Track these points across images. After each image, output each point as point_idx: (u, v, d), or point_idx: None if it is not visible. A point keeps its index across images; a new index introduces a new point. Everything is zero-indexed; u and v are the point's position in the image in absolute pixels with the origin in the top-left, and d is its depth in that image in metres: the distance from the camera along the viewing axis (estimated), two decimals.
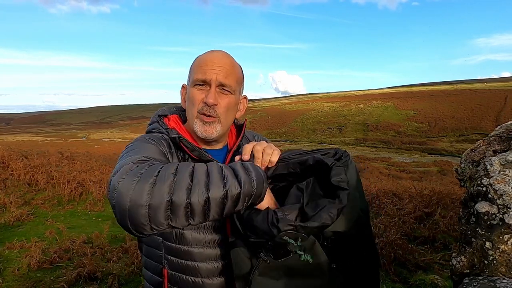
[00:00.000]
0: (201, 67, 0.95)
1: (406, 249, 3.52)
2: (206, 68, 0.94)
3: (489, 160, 1.11)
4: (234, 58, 1.01)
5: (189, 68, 1.02)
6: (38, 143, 31.91)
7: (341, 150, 0.91)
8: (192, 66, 1.00)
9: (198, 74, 0.95)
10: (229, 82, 0.96)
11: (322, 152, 0.91)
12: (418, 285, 2.92)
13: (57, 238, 3.88)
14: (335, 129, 47.32)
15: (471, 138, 33.00)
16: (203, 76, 0.94)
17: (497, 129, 1.31)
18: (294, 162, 0.89)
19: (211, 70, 0.94)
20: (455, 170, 1.29)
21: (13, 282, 2.95)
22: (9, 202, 4.89)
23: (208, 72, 0.94)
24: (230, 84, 0.96)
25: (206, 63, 0.95)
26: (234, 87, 0.98)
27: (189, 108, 0.98)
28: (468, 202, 1.15)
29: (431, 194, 5.44)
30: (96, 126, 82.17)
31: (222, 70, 0.94)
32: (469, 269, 1.04)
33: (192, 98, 0.96)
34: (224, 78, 0.95)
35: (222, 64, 0.95)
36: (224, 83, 0.95)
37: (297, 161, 0.89)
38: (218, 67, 0.94)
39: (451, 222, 4.21)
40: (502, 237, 0.97)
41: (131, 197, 0.67)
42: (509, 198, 0.98)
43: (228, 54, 1.00)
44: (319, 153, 0.90)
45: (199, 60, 0.98)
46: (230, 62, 0.98)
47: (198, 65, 0.96)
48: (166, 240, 0.93)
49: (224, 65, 0.95)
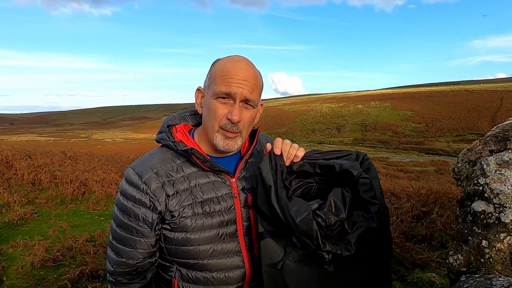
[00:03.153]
0: (225, 79, 0.89)
1: (404, 248, 3.55)
2: (231, 81, 0.89)
3: (485, 160, 1.11)
4: (255, 66, 0.95)
5: (208, 72, 0.96)
6: (41, 143, 31.93)
7: (362, 153, 0.96)
8: (213, 73, 0.93)
9: (221, 86, 0.89)
10: (254, 97, 0.92)
11: (344, 153, 0.96)
12: (416, 283, 2.94)
13: (60, 237, 3.87)
14: (334, 129, 47.39)
15: (468, 138, 33.14)
16: (227, 89, 0.89)
17: (493, 129, 1.31)
18: (322, 165, 0.93)
19: (236, 84, 0.89)
20: (452, 169, 1.29)
21: (16, 280, 2.96)
22: (13, 201, 4.88)
23: (233, 85, 0.89)
24: (254, 99, 0.93)
25: (231, 75, 0.89)
26: (257, 101, 0.95)
27: (209, 119, 0.94)
28: (465, 201, 1.15)
29: (428, 193, 5.45)
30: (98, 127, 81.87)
31: (248, 84, 0.90)
32: (466, 267, 1.04)
33: (214, 111, 0.91)
34: (249, 93, 0.91)
35: (248, 77, 0.90)
36: (249, 98, 0.91)
37: (324, 165, 0.93)
38: (244, 81, 0.89)
39: (448, 221, 4.23)
40: (498, 235, 0.97)
41: None
42: (505, 198, 0.98)
43: (251, 63, 0.94)
44: (341, 154, 0.95)
45: (222, 69, 0.91)
46: (254, 74, 0.93)
47: (221, 75, 0.90)
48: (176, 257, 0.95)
49: (249, 79, 0.91)
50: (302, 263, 0.87)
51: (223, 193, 0.95)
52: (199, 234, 0.92)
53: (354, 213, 0.87)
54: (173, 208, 0.91)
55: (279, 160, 0.92)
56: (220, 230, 0.94)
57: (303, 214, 0.82)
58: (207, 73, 0.97)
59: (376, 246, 0.88)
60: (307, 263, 0.86)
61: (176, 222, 0.92)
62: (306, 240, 0.82)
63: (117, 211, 0.95)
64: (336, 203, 0.86)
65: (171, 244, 0.94)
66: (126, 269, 0.95)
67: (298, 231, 0.82)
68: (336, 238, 0.84)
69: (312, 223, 0.81)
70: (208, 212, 0.93)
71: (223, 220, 0.94)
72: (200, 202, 0.93)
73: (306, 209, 0.83)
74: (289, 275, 0.86)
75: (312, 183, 0.97)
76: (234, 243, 0.95)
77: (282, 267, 0.86)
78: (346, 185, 0.90)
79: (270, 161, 0.92)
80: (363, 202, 0.87)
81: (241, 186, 0.98)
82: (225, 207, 0.95)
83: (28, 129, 79.88)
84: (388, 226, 0.93)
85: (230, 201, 0.96)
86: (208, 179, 0.95)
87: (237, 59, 0.93)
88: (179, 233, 0.92)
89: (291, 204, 0.84)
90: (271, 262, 0.87)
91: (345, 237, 0.84)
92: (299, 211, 0.83)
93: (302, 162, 0.95)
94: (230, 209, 0.95)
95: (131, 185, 0.92)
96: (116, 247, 0.95)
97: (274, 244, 0.88)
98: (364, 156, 0.95)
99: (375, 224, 0.84)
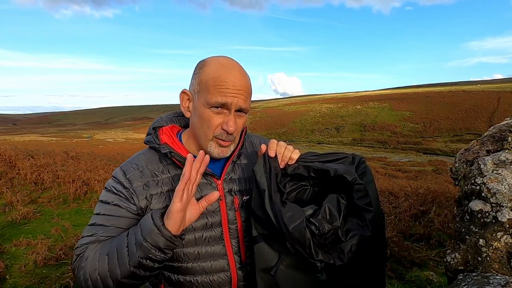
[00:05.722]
0: (220, 89, 0.87)
1: (402, 246, 3.58)
2: (226, 91, 0.87)
3: (482, 160, 1.11)
4: (245, 70, 0.94)
5: (196, 75, 0.92)
6: (44, 143, 31.87)
7: (358, 156, 0.94)
8: (203, 80, 0.90)
9: (217, 96, 0.87)
10: (247, 106, 0.92)
11: (339, 156, 0.94)
12: (414, 281, 2.97)
13: (62, 236, 3.88)
14: (333, 129, 47.51)
15: (465, 138, 33.34)
16: (223, 100, 0.87)
17: (490, 129, 1.31)
18: (316, 169, 0.91)
19: (232, 94, 0.88)
20: (450, 169, 1.29)
21: (19, 278, 2.97)
22: (16, 201, 4.87)
23: (228, 96, 0.87)
24: (247, 107, 0.93)
25: (226, 86, 0.87)
26: (249, 108, 0.94)
27: (202, 129, 0.92)
28: (462, 200, 1.15)
29: (426, 192, 5.47)
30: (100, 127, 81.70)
31: (243, 94, 0.90)
32: (463, 266, 1.04)
33: (208, 121, 0.90)
34: (244, 103, 0.90)
35: (242, 87, 0.90)
36: (243, 107, 0.91)
37: (318, 169, 0.91)
38: (239, 90, 0.89)
39: (446, 220, 4.25)
40: (495, 234, 0.97)
41: None
42: (502, 197, 0.98)
43: (243, 69, 0.93)
44: (337, 157, 0.93)
45: (216, 78, 0.88)
46: (247, 82, 0.92)
47: (214, 84, 0.88)
48: None
49: (244, 88, 0.90)
50: (296, 268, 0.85)
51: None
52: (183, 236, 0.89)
53: (348, 220, 0.85)
54: (156, 208, 0.90)
55: (273, 162, 0.90)
56: (204, 233, 0.92)
57: (296, 221, 0.80)
58: (193, 76, 0.94)
59: (370, 253, 0.86)
60: (301, 269, 0.84)
61: None
62: (298, 248, 0.81)
63: (99, 203, 0.94)
64: (331, 210, 0.84)
65: None
66: (98, 237, 0.89)
67: (291, 238, 0.80)
68: (329, 246, 0.82)
69: (306, 231, 0.79)
70: None
71: (207, 222, 0.92)
72: None
73: (300, 216, 0.81)
74: (283, 281, 0.84)
75: (306, 186, 0.95)
76: (219, 246, 0.93)
77: (275, 272, 0.84)
78: (341, 190, 0.88)
79: (264, 163, 0.89)
80: (358, 209, 0.85)
81: (227, 188, 0.96)
82: (209, 210, 0.92)
83: (31, 129, 79.56)
84: (383, 231, 0.91)
85: (215, 203, 0.93)
86: None
87: (229, 66, 0.90)
88: None
89: (285, 210, 0.81)
90: (264, 266, 0.86)
91: (338, 245, 0.82)
92: (292, 218, 0.80)
93: (297, 164, 0.92)
94: (214, 211, 0.93)
95: (115, 180, 0.93)
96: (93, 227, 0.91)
97: (268, 249, 0.86)
98: (360, 160, 0.93)
99: (369, 232, 0.82)
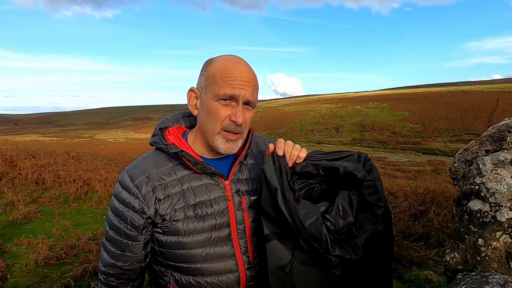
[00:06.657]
0: (227, 81, 0.88)
1: (401, 246, 3.60)
2: (234, 83, 0.88)
3: (481, 160, 1.11)
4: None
5: (203, 72, 0.94)
6: (45, 143, 31.95)
7: (363, 154, 0.96)
8: (211, 74, 0.91)
9: (225, 88, 0.88)
10: (254, 99, 0.93)
11: (345, 154, 0.96)
12: (413, 281, 2.99)
13: (63, 235, 3.90)
14: (333, 129, 47.56)
15: (464, 138, 33.40)
16: (231, 91, 0.88)
17: (489, 129, 1.30)
18: (325, 166, 0.92)
19: (239, 86, 0.88)
20: (449, 169, 1.29)
21: (20, 278, 2.98)
22: (17, 200, 4.90)
23: (236, 88, 0.88)
24: (254, 100, 0.93)
25: (233, 77, 0.88)
26: (256, 102, 0.95)
27: (209, 122, 0.92)
28: (461, 200, 1.15)
29: (425, 192, 5.49)
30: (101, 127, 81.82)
31: (250, 86, 0.90)
32: (462, 265, 1.03)
33: (216, 113, 0.90)
34: (251, 95, 0.91)
35: (249, 79, 0.90)
36: (250, 100, 0.91)
37: (327, 166, 0.92)
38: (246, 82, 0.89)
39: (445, 220, 4.28)
40: (494, 234, 0.97)
41: None
42: (501, 197, 0.98)
43: (250, 65, 0.94)
44: (343, 155, 0.95)
45: (223, 71, 0.89)
46: (254, 75, 0.93)
47: (222, 77, 0.89)
48: (169, 260, 0.95)
49: (251, 80, 0.91)
50: (310, 265, 0.86)
51: (216, 195, 0.94)
52: (191, 237, 0.91)
53: (360, 216, 0.86)
54: (164, 212, 0.91)
55: (282, 161, 0.90)
56: (212, 234, 0.93)
57: (312, 218, 0.80)
58: (200, 74, 0.95)
59: (381, 247, 0.87)
60: (315, 265, 0.85)
61: (168, 226, 0.91)
62: (315, 244, 0.81)
63: (110, 213, 0.96)
64: (344, 206, 0.85)
65: (165, 247, 0.94)
66: (116, 271, 0.97)
67: (307, 235, 0.81)
68: (343, 242, 0.84)
69: (322, 227, 0.80)
70: (200, 216, 0.92)
71: (216, 223, 0.93)
72: (192, 205, 0.92)
73: (315, 213, 0.82)
74: (297, 278, 0.85)
75: (314, 184, 0.96)
76: (228, 246, 0.94)
77: (290, 269, 0.85)
78: (349, 187, 0.89)
79: (274, 162, 0.90)
80: (368, 205, 0.86)
81: (235, 188, 0.96)
82: (217, 210, 0.93)
83: (32, 129, 79.67)
84: (391, 226, 0.92)
85: (223, 204, 0.94)
86: (201, 181, 0.94)
87: (235, 60, 0.92)
88: (171, 237, 0.92)
89: (300, 207, 0.82)
90: (278, 264, 0.86)
91: (353, 240, 0.83)
92: (307, 215, 0.81)
93: (305, 163, 0.93)
94: (222, 212, 0.94)
95: (123, 188, 0.93)
96: (107, 248, 0.97)
97: (281, 246, 0.87)
98: (366, 157, 0.94)
99: (381, 227, 0.84)
